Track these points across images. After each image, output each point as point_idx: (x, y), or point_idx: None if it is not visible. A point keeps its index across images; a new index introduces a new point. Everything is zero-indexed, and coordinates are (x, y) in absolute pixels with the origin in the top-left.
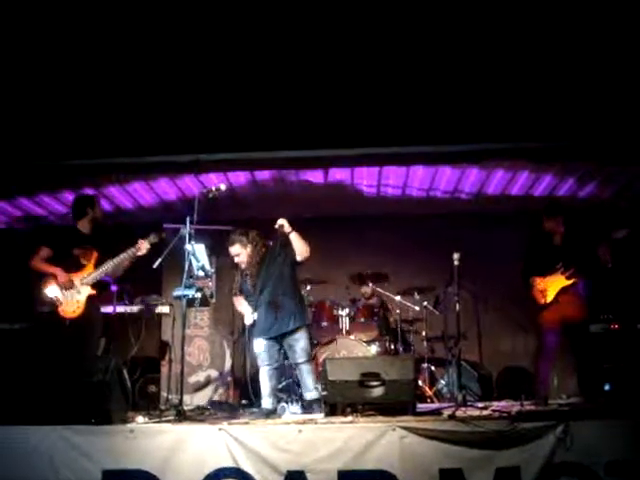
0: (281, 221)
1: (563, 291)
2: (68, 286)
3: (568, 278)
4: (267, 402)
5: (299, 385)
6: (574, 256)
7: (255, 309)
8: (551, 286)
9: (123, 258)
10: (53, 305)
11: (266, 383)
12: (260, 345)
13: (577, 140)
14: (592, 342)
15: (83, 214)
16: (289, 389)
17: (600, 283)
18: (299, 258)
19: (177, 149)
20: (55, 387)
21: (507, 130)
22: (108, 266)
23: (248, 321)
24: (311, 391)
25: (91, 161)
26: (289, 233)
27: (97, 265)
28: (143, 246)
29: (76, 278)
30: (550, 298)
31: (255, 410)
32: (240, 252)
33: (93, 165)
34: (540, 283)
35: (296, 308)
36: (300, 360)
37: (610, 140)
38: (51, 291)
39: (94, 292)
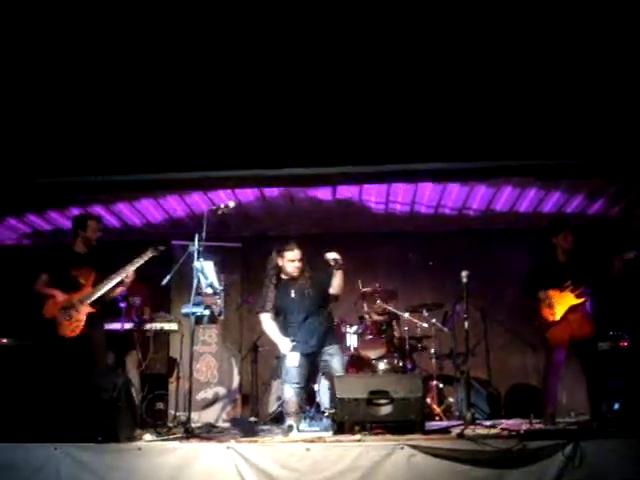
0: (337, 255)
1: (572, 309)
2: (67, 306)
3: (578, 297)
4: (291, 420)
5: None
6: (583, 274)
7: (291, 325)
8: (559, 304)
9: (119, 276)
10: (53, 326)
11: (293, 400)
12: (295, 360)
13: (586, 157)
14: (601, 360)
15: (75, 235)
16: None
17: (609, 300)
18: (332, 291)
19: (185, 166)
20: (61, 404)
21: (516, 147)
22: (107, 285)
23: (285, 349)
24: None
25: (99, 178)
26: (338, 269)
27: (95, 284)
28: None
29: (74, 298)
30: (559, 316)
31: (278, 430)
32: (300, 257)
33: (101, 183)
34: (548, 298)
35: (331, 330)
36: (338, 374)
37: (619, 157)
38: (49, 312)
39: (94, 310)
